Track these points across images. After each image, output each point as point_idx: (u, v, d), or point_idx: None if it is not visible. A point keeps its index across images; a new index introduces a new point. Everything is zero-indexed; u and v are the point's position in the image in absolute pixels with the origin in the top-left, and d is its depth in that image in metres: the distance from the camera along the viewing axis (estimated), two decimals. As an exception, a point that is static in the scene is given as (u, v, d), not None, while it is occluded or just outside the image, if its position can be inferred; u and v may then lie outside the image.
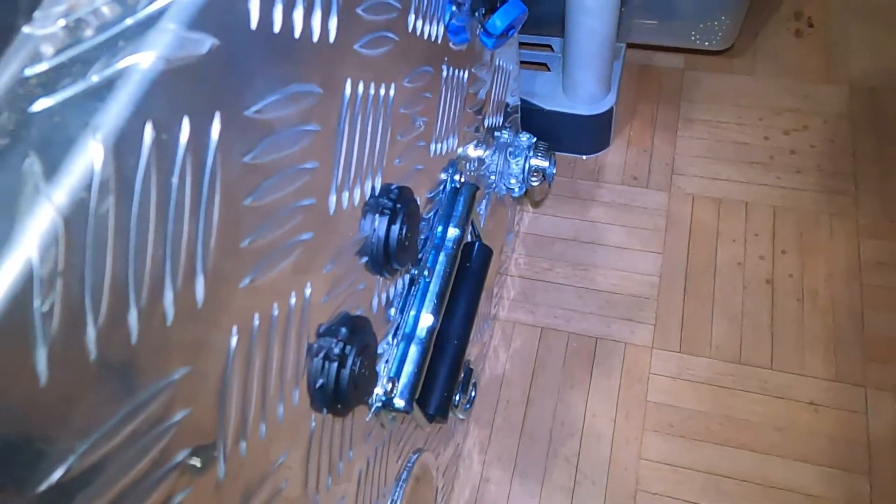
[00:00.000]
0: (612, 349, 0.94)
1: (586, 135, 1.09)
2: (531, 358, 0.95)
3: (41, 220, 0.18)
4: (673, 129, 1.13)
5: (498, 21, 0.57)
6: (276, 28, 0.27)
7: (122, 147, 0.20)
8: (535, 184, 0.86)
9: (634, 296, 0.99)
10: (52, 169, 0.18)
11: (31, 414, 0.18)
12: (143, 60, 0.20)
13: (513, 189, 0.88)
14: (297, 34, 0.28)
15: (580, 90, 1.02)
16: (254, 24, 0.25)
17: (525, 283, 1.01)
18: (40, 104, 0.20)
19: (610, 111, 1.05)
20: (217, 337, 0.27)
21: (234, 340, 0.28)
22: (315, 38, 0.30)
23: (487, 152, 0.78)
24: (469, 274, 0.65)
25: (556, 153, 0.94)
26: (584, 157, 1.12)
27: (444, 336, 0.60)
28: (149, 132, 0.20)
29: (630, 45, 1.16)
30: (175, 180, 0.22)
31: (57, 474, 0.19)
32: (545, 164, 0.86)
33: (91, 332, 0.19)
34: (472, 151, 0.70)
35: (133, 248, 0.21)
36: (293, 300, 0.33)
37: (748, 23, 1.16)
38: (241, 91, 0.25)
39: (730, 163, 1.08)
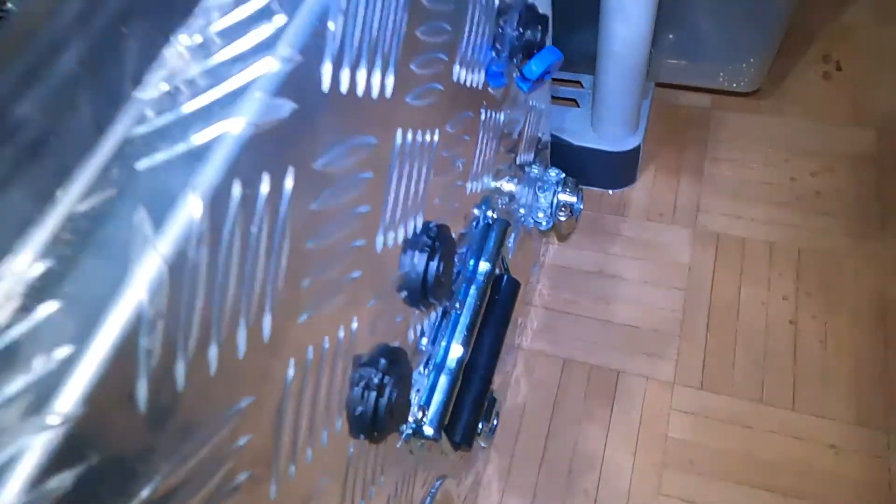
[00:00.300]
0: (634, 383, 0.95)
1: (613, 170, 1.11)
2: (553, 389, 0.96)
3: (150, 268, 0.20)
4: (699, 168, 1.14)
5: (534, 66, 0.60)
6: (343, 89, 0.29)
7: (216, 202, 0.22)
8: (562, 219, 0.88)
9: (657, 331, 1.00)
10: (158, 221, 0.21)
11: (130, 438, 0.20)
12: (235, 126, 0.23)
13: (540, 223, 0.90)
14: (359, 92, 0.31)
15: (609, 127, 1.04)
16: (325, 86, 0.28)
17: (548, 315, 1.03)
18: (145, 162, 0.22)
19: (637, 148, 1.07)
20: (277, 369, 0.29)
21: (290, 372, 0.30)
22: (375, 94, 0.32)
23: (517, 186, 0.81)
24: (497, 306, 0.67)
25: (583, 187, 0.96)
26: (611, 191, 1.14)
27: (472, 366, 0.62)
28: (237, 188, 0.23)
29: (658, 84, 1.18)
30: (255, 229, 0.24)
31: (145, 493, 0.21)
32: (573, 199, 0.88)
33: (181, 367, 0.22)
34: (504, 186, 0.72)
35: (217, 290, 0.23)
36: (341, 333, 0.35)
37: (776, 64, 1.18)
38: (311, 146, 0.28)
39: (755, 202, 1.09)
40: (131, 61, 0.23)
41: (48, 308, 0.19)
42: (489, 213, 0.64)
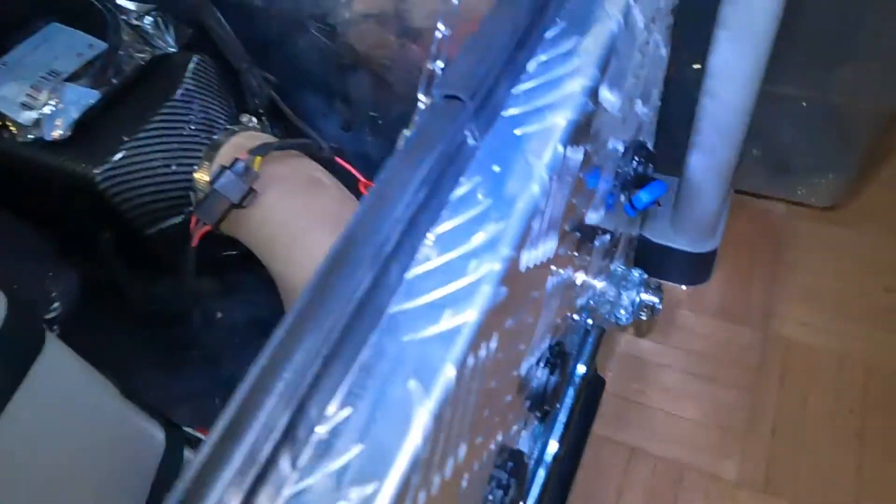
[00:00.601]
0: (697, 480, 0.99)
1: (689, 268, 1.17)
2: (617, 477, 1.01)
3: (422, 421, 0.28)
4: (772, 272, 1.19)
5: (644, 197, 0.67)
6: (531, 265, 0.37)
7: (462, 371, 0.30)
8: (643, 318, 0.94)
9: (722, 428, 1.03)
10: (426, 386, 0.29)
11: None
12: (471, 315, 0.31)
13: (620, 319, 0.96)
14: (538, 264, 0.39)
15: (689, 230, 1.11)
16: (522, 267, 0.36)
17: (617, 402, 1.08)
18: (409, 336, 0.30)
19: (714, 251, 1.12)
20: (458, 482, 0.36)
21: (464, 483, 0.37)
22: (546, 260, 0.40)
23: (605, 284, 0.87)
24: (586, 403, 0.73)
25: (659, 281, 1.02)
26: (684, 287, 1.19)
27: (560, 458, 0.68)
28: (471, 358, 0.31)
29: (737, 190, 1.24)
30: (474, 383, 0.32)
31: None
32: (655, 300, 0.94)
33: (423, 494, 0.29)
34: (595, 283, 0.79)
35: (449, 432, 0.31)
36: (493, 446, 0.42)
37: (854, 179, 1.22)
38: (506, 313, 0.36)
39: (827, 313, 1.13)
40: (403, 253, 0.32)
41: (357, 449, 0.27)
42: (589, 321, 0.71)
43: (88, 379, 0.65)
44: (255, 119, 0.90)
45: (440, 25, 0.36)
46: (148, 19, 0.86)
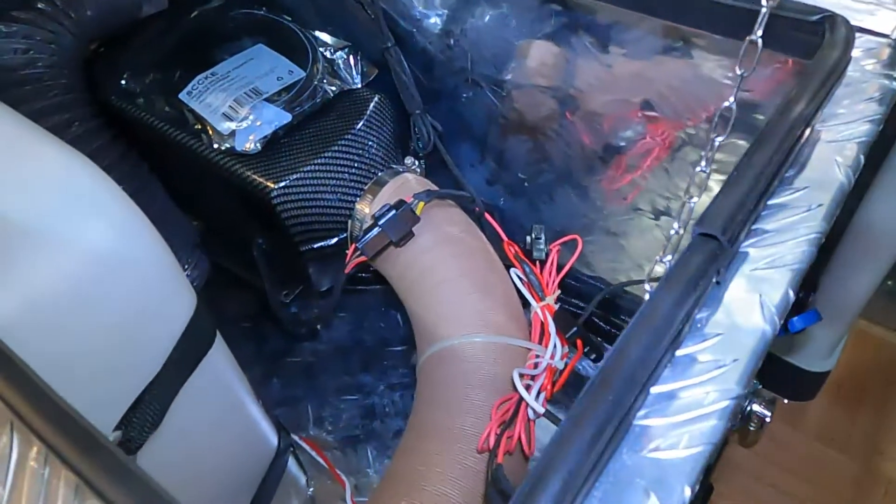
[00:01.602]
0: None
1: (797, 384, 1.14)
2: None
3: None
4: (883, 406, 1.16)
5: (798, 323, 0.68)
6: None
7: (692, 491, 0.32)
8: (752, 429, 0.93)
9: (807, 557, 1.01)
10: (662, 501, 0.31)
11: None
12: (702, 447, 0.33)
13: (728, 423, 0.96)
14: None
15: (806, 346, 1.09)
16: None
17: None
18: (650, 453, 0.33)
19: (828, 372, 1.10)
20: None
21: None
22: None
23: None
24: (695, 507, 0.73)
25: (770, 392, 1.01)
26: (786, 400, 1.17)
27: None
28: (696, 482, 0.33)
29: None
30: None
31: None
32: (767, 414, 0.93)
33: None
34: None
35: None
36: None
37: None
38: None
39: (936, 461, 1.09)
40: (656, 375, 0.34)
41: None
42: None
43: (237, 378, 0.70)
44: (416, 162, 0.95)
45: (702, 163, 0.39)
46: (340, 54, 0.92)
